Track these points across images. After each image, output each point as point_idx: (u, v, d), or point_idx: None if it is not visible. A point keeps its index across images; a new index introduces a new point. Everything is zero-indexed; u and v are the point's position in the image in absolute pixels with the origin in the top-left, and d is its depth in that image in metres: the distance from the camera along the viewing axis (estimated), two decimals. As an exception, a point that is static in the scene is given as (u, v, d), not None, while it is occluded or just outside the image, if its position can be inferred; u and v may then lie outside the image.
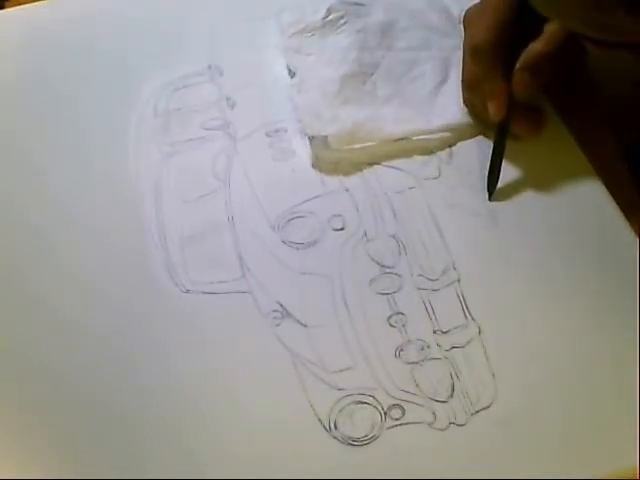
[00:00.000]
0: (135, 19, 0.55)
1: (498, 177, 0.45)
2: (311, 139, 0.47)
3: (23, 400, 0.40)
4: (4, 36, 0.55)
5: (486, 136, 0.47)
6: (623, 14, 0.32)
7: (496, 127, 0.46)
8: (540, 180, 0.46)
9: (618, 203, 0.44)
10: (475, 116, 0.47)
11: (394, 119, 0.47)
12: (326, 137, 0.46)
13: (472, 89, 0.46)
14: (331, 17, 0.51)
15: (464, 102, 0.48)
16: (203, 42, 0.53)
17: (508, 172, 0.46)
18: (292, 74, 0.50)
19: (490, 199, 0.45)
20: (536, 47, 0.44)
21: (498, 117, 0.45)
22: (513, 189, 0.45)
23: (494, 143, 0.46)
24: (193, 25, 0.54)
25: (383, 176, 0.46)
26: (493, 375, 0.39)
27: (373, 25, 0.51)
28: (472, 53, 0.46)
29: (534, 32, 0.44)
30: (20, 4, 0.56)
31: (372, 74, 0.49)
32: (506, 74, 0.45)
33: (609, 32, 0.34)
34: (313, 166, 0.47)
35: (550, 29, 0.43)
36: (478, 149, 0.47)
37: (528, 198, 0.45)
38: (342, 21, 0.51)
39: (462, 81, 0.47)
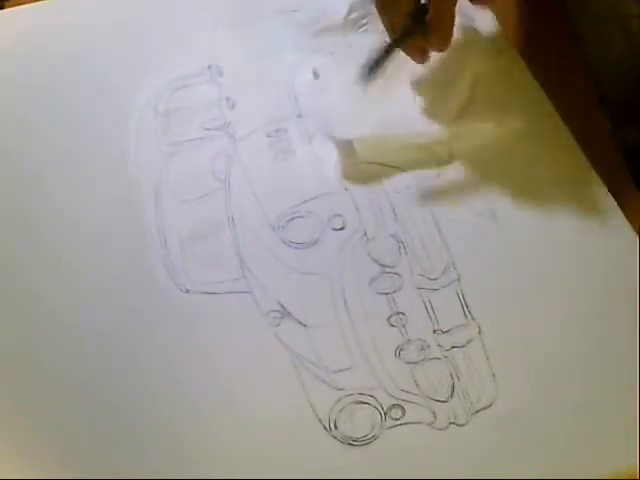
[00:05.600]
0: (135, 19, 0.55)
1: (376, 73, 0.43)
2: (337, 143, 0.46)
3: (23, 400, 0.40)
4: (4, 36, 0.55)
5: None
6: None
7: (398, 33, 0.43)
8: (540, 180, 0.46)
9: (618, 202, 0.44)
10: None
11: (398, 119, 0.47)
12: (351, 141, 0.46)
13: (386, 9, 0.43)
14: (353, 16, 0.51)
15: (383, 23, 0.43)
16: (203, 42, 0.53)
17: (508, 171, 0.46)
18: (315, 75, 0.50)
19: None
20: None
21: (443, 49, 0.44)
22: (513, 189, 0.45)
23: (389, 43, 0.43)
24: (193, 25, 0.54)
25: (383, 176, 0.46)
26: (493, 375, 0.39)
27: None
28: None
29: None
30: (20, 4, 0.56)
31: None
32: None
33: None
34: (335, 171, 0.46)
35: None
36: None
37: (528, 197, 0.45)
38: (364, 20, 0.51)
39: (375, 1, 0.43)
